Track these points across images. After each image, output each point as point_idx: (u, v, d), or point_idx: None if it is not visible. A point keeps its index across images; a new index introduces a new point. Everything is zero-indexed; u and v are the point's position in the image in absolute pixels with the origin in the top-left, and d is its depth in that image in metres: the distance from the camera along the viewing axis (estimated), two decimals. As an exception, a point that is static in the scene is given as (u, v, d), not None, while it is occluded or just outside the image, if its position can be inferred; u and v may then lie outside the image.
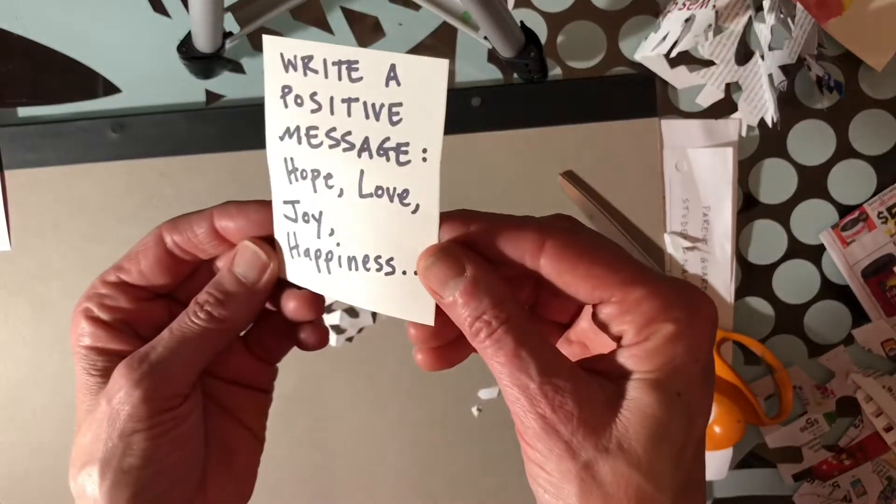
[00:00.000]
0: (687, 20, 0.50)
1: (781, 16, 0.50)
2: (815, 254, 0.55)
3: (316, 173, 0.27)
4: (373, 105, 0.26)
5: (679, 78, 0.53)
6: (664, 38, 0.51)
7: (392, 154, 0.26)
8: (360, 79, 0.25)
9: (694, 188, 0.53)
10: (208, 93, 0.53)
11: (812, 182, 0.55)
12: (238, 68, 0.53)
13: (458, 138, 0.52)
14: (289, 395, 0.53)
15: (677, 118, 0.53)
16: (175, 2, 0.53)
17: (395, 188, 0.26)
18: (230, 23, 0.51)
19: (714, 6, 0.49)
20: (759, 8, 0.52)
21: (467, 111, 0.52)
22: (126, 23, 0.52)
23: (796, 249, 0.55)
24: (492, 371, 0.23)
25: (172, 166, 0.52)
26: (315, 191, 0.27)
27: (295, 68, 0.26)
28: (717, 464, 0.54)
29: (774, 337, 0.55)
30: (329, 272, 0.27)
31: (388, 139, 0.26)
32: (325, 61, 0.26)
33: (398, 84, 0.25)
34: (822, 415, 0.55)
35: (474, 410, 0.54)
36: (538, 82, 0.53)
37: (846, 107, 0.54)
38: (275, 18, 0.51)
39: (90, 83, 0.53)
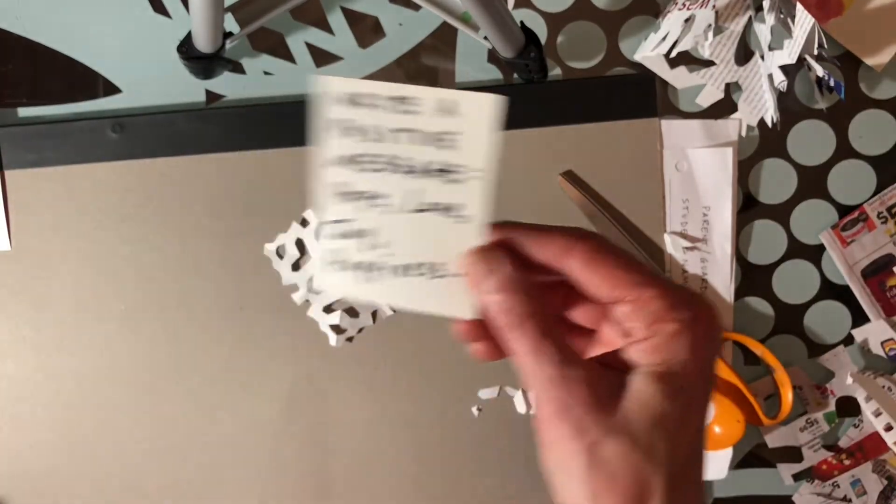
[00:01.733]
0: (687, 20, 0.50)
1: (781, 16, 0.50)
2: (814, 254, 0.55)
3: (368, 195, 0.31)
4: (428, 134, 0.30)
5: (679, 78, 0.53)
6: (664, 38, 0.51)
7: (446, 174, 0.31)
8: (417, 112, 0.30)
9: (694, 188, 0.53)
10: (208, 93, 0.53)
11: (812, 182, 0.55)
12: (238, 68, 0.53)
13: (458, 138, 0.52)
14: (289, 395, 0.53)
15: (677, 118, 0.53)
16: (175, 2, 0.53)
17: (447, 203, 0.30)
18: (230, 23, 0.51)
19: (714, 6, 0.49)
20: (759, 8, 0.52)
21: (467, 111, 0.52)
22: (126, 23, 0.53)
23: (796, 249, 0.55)
24: (516, 361, 0.26)
25: (173, 166, 0.52)
26: (365, 210, 0.31)
27: (352, 104, 0.30)
28: (716, 464, 0.54)
29: (774, 337, 0.55)
30: (372, 281, 0.31)
31: (442, 162, 0.30)
32: (381, 98, 0.30)
33: (453, 116, 0.30)
34: (822, 414, 0.55)
35: (474, 410, 0.54)
36: (538, 82, 0.53)
37: (846, 107, 0.54)
38: (275, 19, 0.51)
39: (90, 83, 0.53)
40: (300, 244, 0.52)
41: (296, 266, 0.52)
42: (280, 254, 0.52)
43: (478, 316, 0.28)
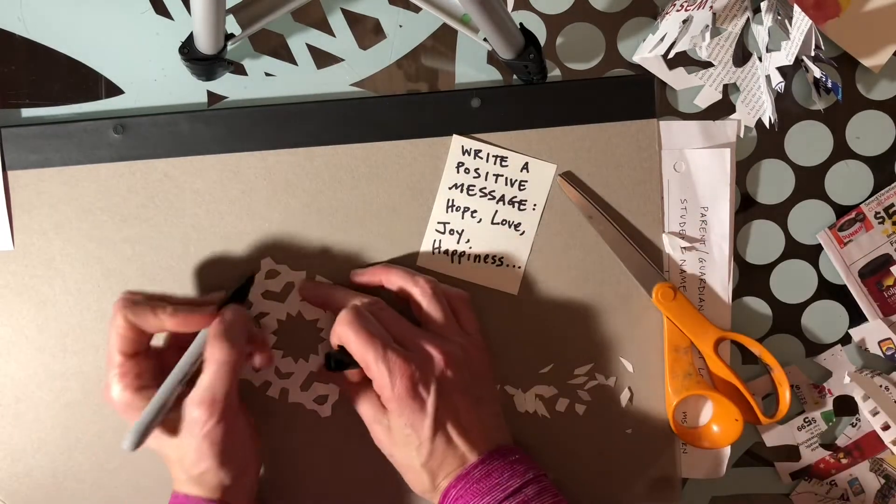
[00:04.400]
0: (684, 21, 0.50)
1: (779, 17, 0.50)
2: (812, 254, 0.55)
3: (466, 209, 0.52)
4: (511, 179, 0.52)
5: (677, 79, 0.53)
6: (661, 39, 0.51)
7: (517, 204, 0.52)
8: (507, 165, 0.52)
9: (692, 189, 0.53)
10: (210, 94, 0.53)
11: (809, 183, 0.55)
12: (240, 70, 0.53)
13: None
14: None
15: (675, 119, 0.54)
16: (177, 4, 0.53)
17: (513, 221, 0.52)
18: (232, 25, 0.51)
19: (711, 7, 0.50)
20: (756, 10, 0.52)
21: (467, 112, 0.52)
22: (128, 24, 0.53)
23: (794, 249, 0.55)
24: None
25: (174, 167, 0.52)
26: (462, 218, 0.52)
27: (469, 154, 0.52)
28: (714, 462, 0.55)
29: (772, 336, 0.55)
30: (459, 263, 0.52)
31: (515, 197, 0.52)
32: (487, 154, 0.52)
33: (528, 171, 0.52)
34: (820, 413, 0.56)
35: (474, 409, 0.54)
36: (537, 84, 0.53)
37: (843, 108, 0.54)
38: (276, 20, 0.51)
39: (92, 84, 0.53)
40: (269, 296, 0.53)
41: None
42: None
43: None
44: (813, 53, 0.49)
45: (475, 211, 0.52)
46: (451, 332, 0.49)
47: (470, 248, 0.52)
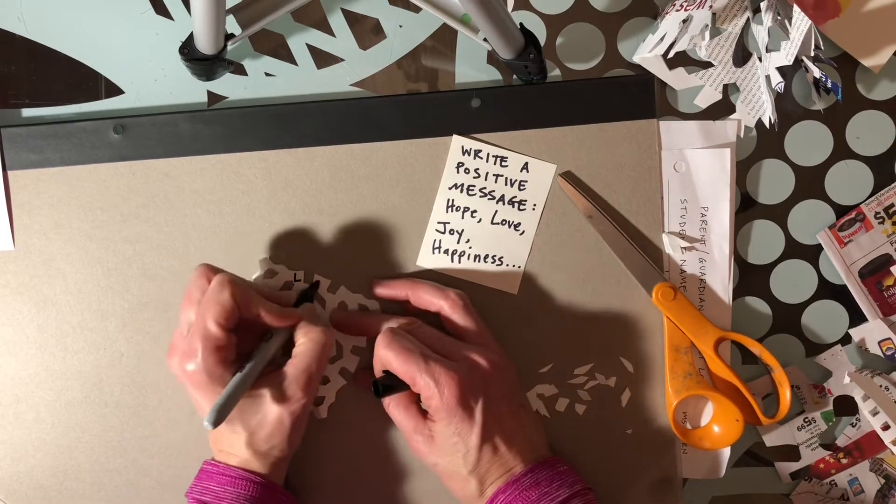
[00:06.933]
0: (684, 21, 0.50)
1: (779, 17, 0.50)
2: (812, 254, 0.55)
3: (466, 209, 0.52)
4: (511, 179, 0.52)
5: (677, 79, 0.53)
6: (661, 38, 0.51)
7: (516, 204, 0.52)
8: (507, 165, 0.52)
9: (692, 189, 0.53)
10: (210, 94, 0.53)
11: (809, 183, 0.55)
12: (240, 70, 0.53)
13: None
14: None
15: (676, 119, 0.54)
16: (177, 4, 0.53)
17: (513, 221, 0.52)
18: (232, 25, 0.51)
19: (710, 7, 0.50)
20: (756, 10, 0.52)
21: (467, 112, 0.52)
22: (128, 25, 0.53)
23: (794, 249, 0.55)
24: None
25: (174, 167, 0.52)
26: (462, 218, 0.52)
27: (469, 154, 0.52)
28: (714, 463, 0.55)
29: (772, 336, 0.55)
30: (459, 262, 0.52)
31: (515, 197, 0.52)
32: (487, 154, 0.52)
33: (527, 171, 0.52)
34: (820, 414, 0.56)
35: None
36: (537, 84, 0.53)
37: (843, 108, 0.54)
38: (276, 20, 0.51)
39: (93, 84, 0.53)
40: None
41: None
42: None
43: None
44: (813, 53, 0.49)
45: (475, 211, 0.52)
46: (489, 342, 0.50)
47: (470, 247, 0.52)
